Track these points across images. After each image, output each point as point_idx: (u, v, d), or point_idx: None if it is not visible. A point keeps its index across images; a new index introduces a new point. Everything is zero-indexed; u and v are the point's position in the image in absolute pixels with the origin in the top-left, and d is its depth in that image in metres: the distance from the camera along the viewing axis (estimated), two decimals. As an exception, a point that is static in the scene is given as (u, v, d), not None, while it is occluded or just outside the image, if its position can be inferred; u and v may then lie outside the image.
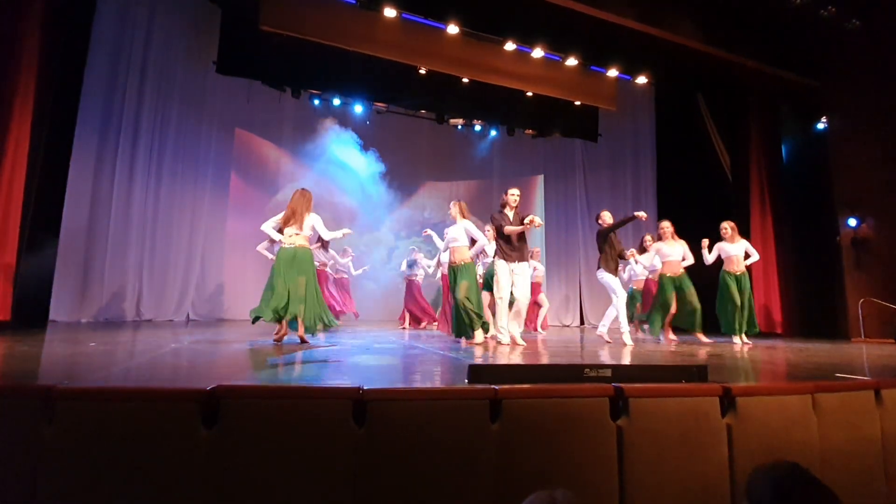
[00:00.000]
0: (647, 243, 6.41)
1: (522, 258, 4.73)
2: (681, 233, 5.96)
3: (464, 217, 5.11)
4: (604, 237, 5.26)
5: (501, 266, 4.70)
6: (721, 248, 5.73)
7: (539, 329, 7.30)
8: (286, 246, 4.24)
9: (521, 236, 4.78)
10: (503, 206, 4.87)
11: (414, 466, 1.71)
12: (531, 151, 11.27)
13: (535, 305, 7.26)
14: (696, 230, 6.08)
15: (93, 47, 6.41)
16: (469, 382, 2.13)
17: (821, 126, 8.23)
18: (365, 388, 1.78)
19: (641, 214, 5.10)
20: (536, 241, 9.37)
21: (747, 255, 5.79)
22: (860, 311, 7.14)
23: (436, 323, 7.41)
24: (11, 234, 4.69)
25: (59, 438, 1.57)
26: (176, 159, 7.87)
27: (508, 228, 4.69)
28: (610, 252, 5.22)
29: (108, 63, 6.92)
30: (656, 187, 10.13)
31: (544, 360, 3.70)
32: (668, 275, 5.73)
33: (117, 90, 7.10)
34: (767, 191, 8.12)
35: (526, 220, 4.60)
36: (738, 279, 5.63)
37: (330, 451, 1.68)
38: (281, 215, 4.39)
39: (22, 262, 4.88)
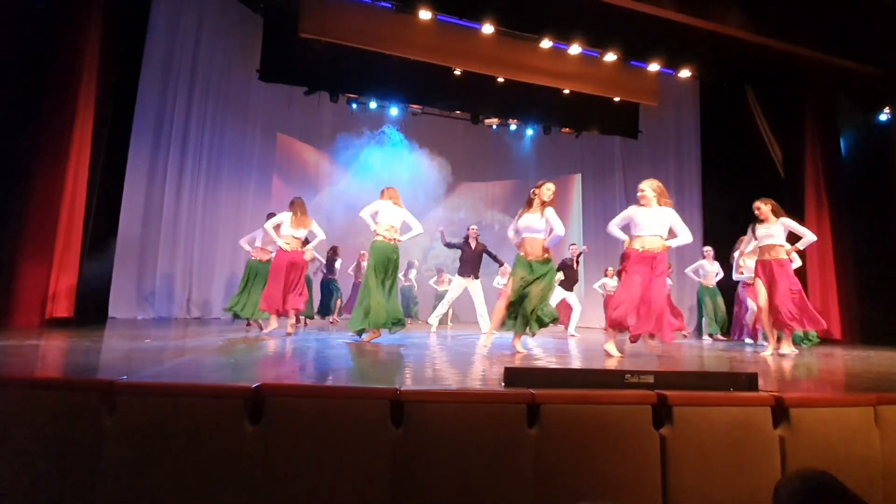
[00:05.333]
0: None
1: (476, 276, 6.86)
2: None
3: None
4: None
5: (458, 279, 6.82)
6: None
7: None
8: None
9: (477, 259, 6.81)
10: (466, 237, 6.84)
11: (449, 469, 1.72)
12: (568, 150, 11.05)
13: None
14: (744, 230, 5.78)
15: (145, 61, 6.78)
16: (505, 386, 2.12)
17: (883, 117, 7.67)
18: (402, 388, 1.80)
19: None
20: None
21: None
22: (928, 316, 6.63)
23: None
24: (75, 238, 5.03)
25: (118, 429, 1.68)
26: (221, 164, 8.19)
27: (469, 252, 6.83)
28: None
29: (159, 76, 7.24)
30: (701, 184, 9.72)
31: (583, 365, 3.63)
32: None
33: (167, 101, 7.43)
34: (824, 187, 7.62)
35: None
36: None
37: (367, 450, 1.70)
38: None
39: (84, 263, 5.22)
